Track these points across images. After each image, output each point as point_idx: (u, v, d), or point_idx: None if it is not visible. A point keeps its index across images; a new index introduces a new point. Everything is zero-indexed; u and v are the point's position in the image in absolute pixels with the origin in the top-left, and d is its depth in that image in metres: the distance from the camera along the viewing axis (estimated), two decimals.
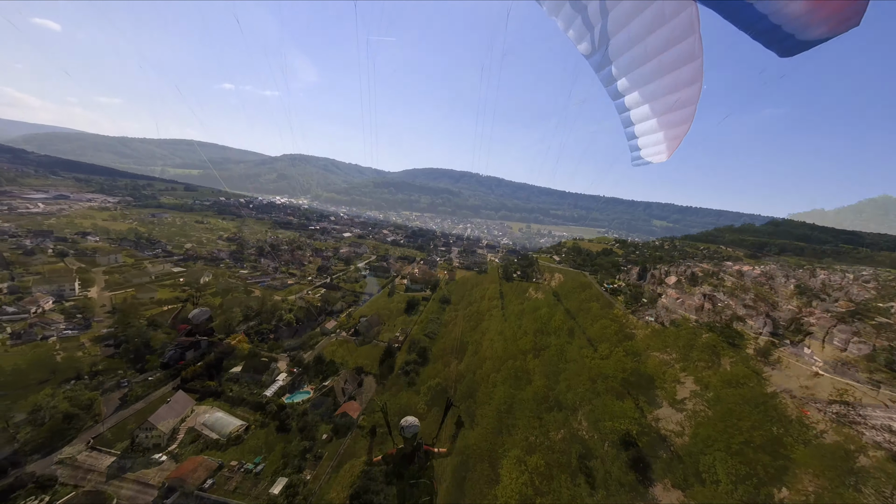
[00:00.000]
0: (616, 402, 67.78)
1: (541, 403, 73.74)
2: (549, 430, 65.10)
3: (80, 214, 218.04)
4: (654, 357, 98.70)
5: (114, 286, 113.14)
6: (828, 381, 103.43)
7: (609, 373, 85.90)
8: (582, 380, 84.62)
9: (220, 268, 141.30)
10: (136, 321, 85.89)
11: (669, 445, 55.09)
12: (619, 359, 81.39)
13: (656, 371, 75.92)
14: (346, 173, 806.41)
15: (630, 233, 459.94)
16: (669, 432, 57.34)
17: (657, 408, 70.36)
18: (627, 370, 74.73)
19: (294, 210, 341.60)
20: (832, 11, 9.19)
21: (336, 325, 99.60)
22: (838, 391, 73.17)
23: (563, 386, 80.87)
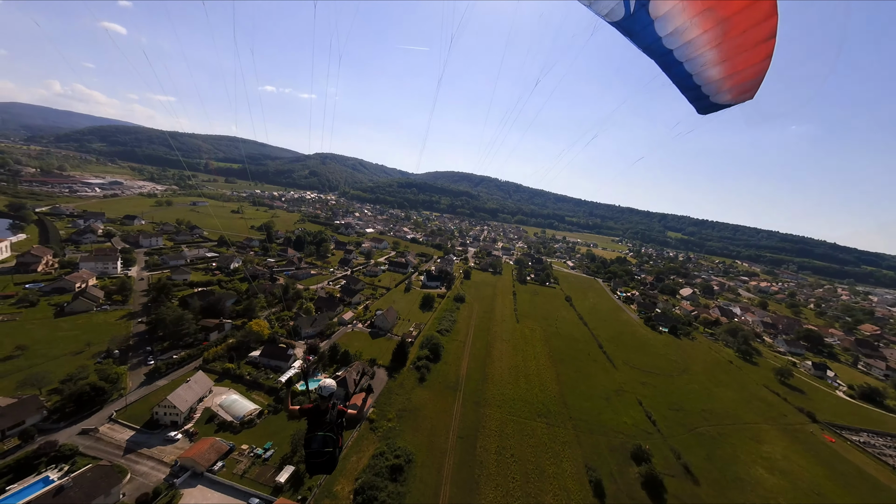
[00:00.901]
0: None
1: (552, 416, 69.19)
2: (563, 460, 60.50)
3: (131, 200, 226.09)
4: (686, 385, 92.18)
5: (152, 267, 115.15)
6: (854, 407, 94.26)
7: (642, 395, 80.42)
8: (601, 391, 79.48)
9: (250, 255, 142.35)
10: (168, 301, 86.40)
11: None
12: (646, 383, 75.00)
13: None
14: (373, 173, 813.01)
15: (645, 243, 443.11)
16: None
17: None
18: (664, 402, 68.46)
19: (322, 205, 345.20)
20: (735, 83, 11.18)
21: (353, 317, 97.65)
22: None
23: (580, 395, 75.94)
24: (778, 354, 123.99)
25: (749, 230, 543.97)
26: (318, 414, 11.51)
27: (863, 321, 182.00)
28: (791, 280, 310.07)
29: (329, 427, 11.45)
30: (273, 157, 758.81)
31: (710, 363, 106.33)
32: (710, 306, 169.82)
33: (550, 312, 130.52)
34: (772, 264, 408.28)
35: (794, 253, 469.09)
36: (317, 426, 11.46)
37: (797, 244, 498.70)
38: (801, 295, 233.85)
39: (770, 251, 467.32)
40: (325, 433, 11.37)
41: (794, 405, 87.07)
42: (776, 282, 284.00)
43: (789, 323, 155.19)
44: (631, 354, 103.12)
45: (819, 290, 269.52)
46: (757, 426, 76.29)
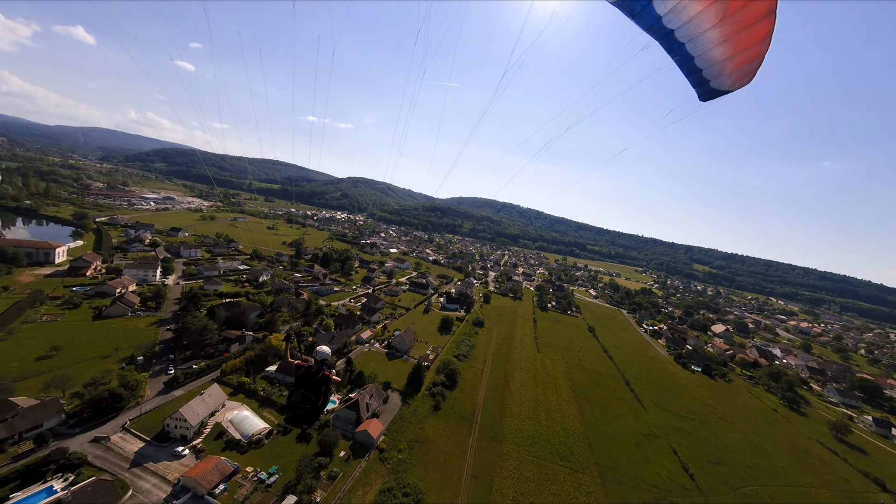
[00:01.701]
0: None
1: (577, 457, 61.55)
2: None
3: (179, 214, 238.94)
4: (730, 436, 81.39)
5: (188, 276, 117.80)
6: None
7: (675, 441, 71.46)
8: (629, 434, 70.89)
9: (278, 269, 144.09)
10: (196, 311, 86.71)
11: None
12: None
13: None
14: (400, 196, 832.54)
15: (670, 275, 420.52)
16: None
17: None
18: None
19: (350, 224, 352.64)
20: (736, 66, 10.69)
21: (371, 336, 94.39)
22: None
23: (605, 437, 67.64)
24: (829, 405, 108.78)
25: (783, 266, 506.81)
26: (308, 374, 12.60)
27: None
28: (835, 321, 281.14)
29: (311, 387, 12.37)
30: (310, 180, 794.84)
31: (751, 410, 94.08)
32: (746, 346, 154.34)
33: (573, 343, 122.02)
34: (811, 303, 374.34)
35: (835, 292, 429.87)
36: (302, 383, 12.52)
37: (838, 283, 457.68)
38: (848, 339, 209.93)
39: (808, 289, 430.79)
40: (306, 391, 12.35)
41: (857, 468, 74.12)
42: (817, 322, 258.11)
43: (839, 370, 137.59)
44: (661, 395, 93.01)
45: (869, 335, 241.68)
46: (815, 491, 64.74)
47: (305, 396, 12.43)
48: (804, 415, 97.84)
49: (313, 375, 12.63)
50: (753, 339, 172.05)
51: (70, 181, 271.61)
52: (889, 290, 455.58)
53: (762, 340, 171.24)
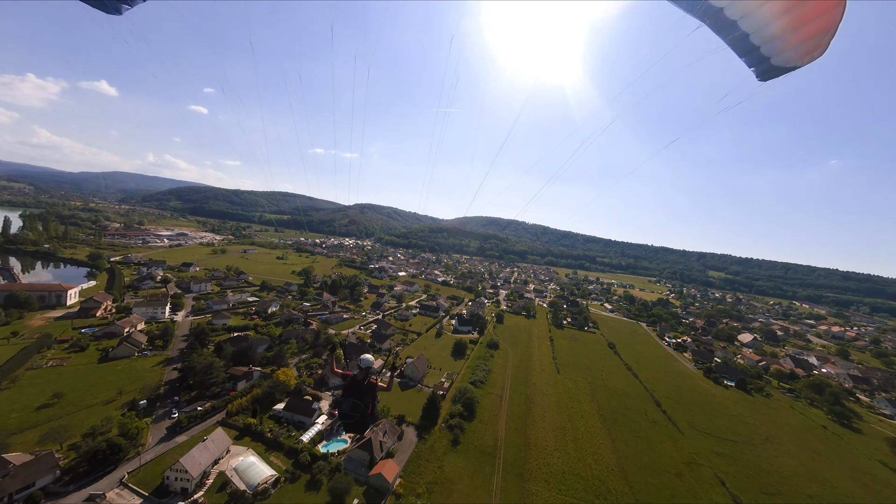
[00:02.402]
0: None
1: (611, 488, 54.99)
2: None
3: (191, 249, 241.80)
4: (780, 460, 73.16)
5: (197, 311, 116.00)
6: None
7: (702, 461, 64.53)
8: (668, 463, 63.88)
9: (287, 299, 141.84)
10: (204, 347, 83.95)
11: None
12: None
13: None
14: (406, 220, 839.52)
15: (685, 283, 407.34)
16: None
17: None
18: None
19: (359, 250, 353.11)
20: (801, 40, 9.44)
21: (382, 365, 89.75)
22: None
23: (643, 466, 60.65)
24: (883, 418, 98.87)
25: (803, 268, 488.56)
26: (354, 382, 12.93)
27: None
28: (867, 324, 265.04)
29: (359, 395, 12.62)
30: (318, 209, 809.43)
31: (797, 428, 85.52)
32: (778, 355, 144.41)
33: (594, 361, 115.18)
34: (837, 305, 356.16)
35: (861, 293, 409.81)
36: (350, 392, 12.83)
37: (863, 283, 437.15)
38: (886, 342, 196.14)
39: (832, 291, 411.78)
40: (355, 400, 12.62)
41: None
42: (849, 326, 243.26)
43: (886, 377, 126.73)
44: (696, 415, 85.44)
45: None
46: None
47: (355, 405, 12.56)
48: (858, 431, 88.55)
49: (359, 384, 12.79)
50: (785, 348, 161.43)
51: (89, 223, 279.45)
52: None
53: (794, 349, 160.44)
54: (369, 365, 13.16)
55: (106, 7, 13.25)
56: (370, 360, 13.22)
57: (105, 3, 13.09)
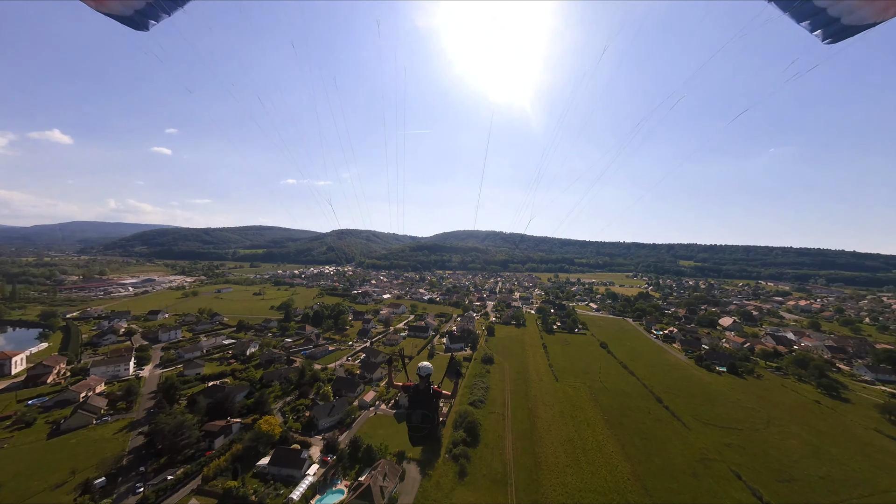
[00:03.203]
0: None
1: None
2: None
3: (159, 295, 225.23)
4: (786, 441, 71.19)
5: (166, 363, 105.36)
6: None
7: (712, 455, 62.19)
8: (682, 463, 60.82)
9: (267, 337, 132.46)
10: (174, 404, 74.98)
11: None
12: None
13: None
14: (386, 241, 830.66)
15: (659, 275, 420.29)
16: None
17: None
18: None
19: (340, 277, 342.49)
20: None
21: (375, 397, 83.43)
22: None
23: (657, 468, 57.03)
24: (866, 384, 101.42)
25: (762, 249, 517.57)
26: (418, 392, 12.58)
27: None
28: (827, 294, 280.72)
29: (427, 405, 12.30)
30: (295, 239, 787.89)
31: (794, 407, 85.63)
32: (759, 335, 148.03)
33: (589, 364, 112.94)
34: (797, 280, 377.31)
35: (816, 266, 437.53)
36: (417, 403, 12.50)
37: (816, 257, 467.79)
38: (848, 309, 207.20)
39: (790, 267, 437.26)
40: (424, 411, 12.29)
41: None
42: (813, 298, 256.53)
43: (857, 344, 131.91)
44: (698, 406, 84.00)
45: (864, 302, 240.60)
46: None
47: (425, 416, 12.19)
48: (847, 401, 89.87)
49: (424, 393, 12.42)
50: (763, 327, 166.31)
51: (42, 279, 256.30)
52: (864, 255, 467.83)
53: (772, 326, 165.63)
54: (430, 372, 12.68)
55: (135, 24, 13.26)
56: (430, 367, 12.75)
57: (134, 20, 13.14)
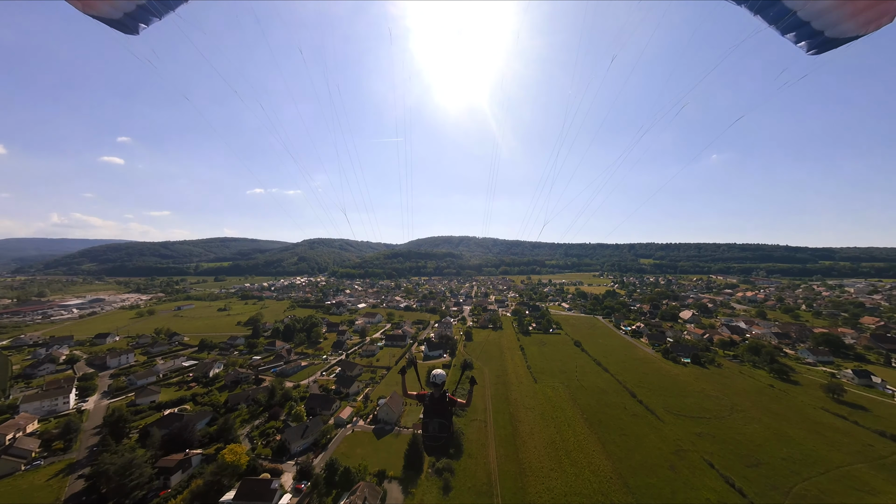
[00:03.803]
0: None
1: None
2: None
3: (109, 316, 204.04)
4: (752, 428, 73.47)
5: (115, 392, 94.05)
6: None
7: (686, 447, 63.33)
8: (659, 457, 61.25)
9: (234, 355, 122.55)
10: (124, 439, 66.23)
11: None
12: None
13: None
14: (359, 249, 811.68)
15: (623, 273, 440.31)
16: None
17: None
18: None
19: (312, 287, 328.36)
20: (862, 8, 8.57)
21: (352, 413, 78.48)
22: None
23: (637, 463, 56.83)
24: (809, 367, 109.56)
25: (711, 246, 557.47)
26: (433, 401, 12.18)
27: (860, 314, 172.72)
28: (769, 285, 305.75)
29: (443, 413, 11.96)
30: (263, 250, 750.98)
31: (752, 393, 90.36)
32: (715, 326, 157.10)
33: (565, 363, 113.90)
34: (742, 273, 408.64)
35: (757, 259, 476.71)
36: (432, 412, 12.16)
37: (757, 251, 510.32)
38: (789, 298, 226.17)
39: (736, 262, 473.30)
40: (441, 419, 11.93)
41: (871, 428, 71.10)
42: (757, 289, 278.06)
43: (798, 329, 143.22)
44: (669, 399, 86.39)
45: (799, 291, 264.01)
46: (852, 469, 59.29)
47: (442, 425, 11.82)
48: (796, 383, 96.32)
49: (439, 402, 12.03)
50: (718, 318, 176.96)
51: None
52: (795, 248, 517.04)
53: (725, 317, 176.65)
54: (444, 380, 12.42)
55: (124, 27, 12.87)
56: (443, 375, 12.55)
57: (122, 23, 12.75)
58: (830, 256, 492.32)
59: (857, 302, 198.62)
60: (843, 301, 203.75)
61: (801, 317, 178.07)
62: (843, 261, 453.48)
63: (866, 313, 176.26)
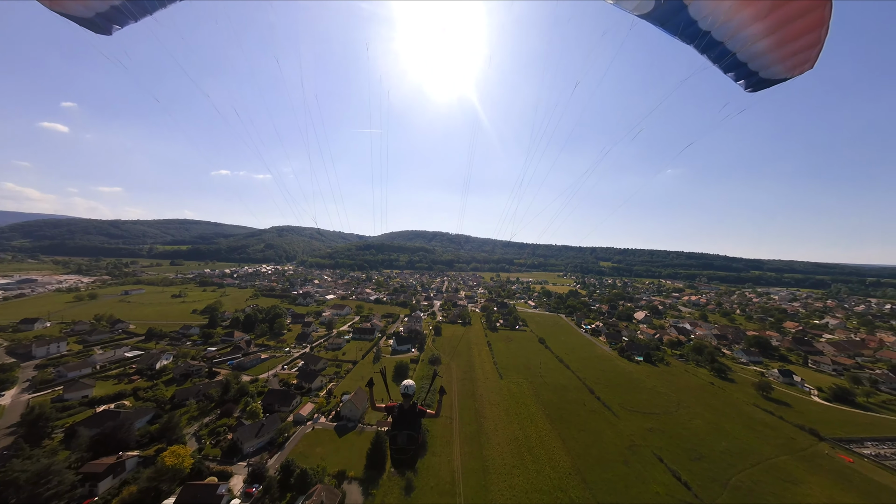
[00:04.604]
0: None
1: None
2: None
3: (41, 299, 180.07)
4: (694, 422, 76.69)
5: (39, 385, 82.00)
6: (837, 412, 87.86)
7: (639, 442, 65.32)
8: (614, 452, 62.56)
9: (186, 346, 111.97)
10: (41, 442, 57.30)
11: None
12: None
13: None
14: (331, 240, 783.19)
15: (584, 274, 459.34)
16: None
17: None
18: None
19: (279, 276, 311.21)
20: (788, 55, 9.65)
21: (314, 409, 73.76)
22: None
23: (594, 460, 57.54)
24: (743, 366, 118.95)
25: (662, 253, 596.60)
26: (403, 412, 11.62)
27: (783, 319, 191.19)
28: (710, 290, 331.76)
29: (412, 425, 11.46)
30: (227, 235, 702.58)
31: (695, 390, 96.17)
32: (665, 326, 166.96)
33: (530, 359, 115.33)
34: (688, 279, 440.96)
35: (700, 267, 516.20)
36: (402, 424, 11.48)
37: (700, 259, 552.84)
38: (726, 303, 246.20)
39: (683, 268, 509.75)
40: (409, 431, 11.38)
41: (793, 423, 77.86)
42: (700, 294, 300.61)
43: (734, 331, 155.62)
44: (624, 395, 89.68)
45: (734, 297, 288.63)
46: (778, 460, 64.27)
47: (411, 437, 11.35)
48: (732, 381, 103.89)
49: (409, 413, 11.59)
50: (666, 319, 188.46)
51: None
52: (732, 258, 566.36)
53: (673, 318, 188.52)
54: (414, 391, 11.69)
55: (95, 27, 12.15)
56: (413, 385, 11.86)
57: (94, 23, 12.04)
58: (760, 267, 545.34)
59: (781, 308, 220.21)
60: (770, 307, 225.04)
61: (735, 320, 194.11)
62: (770, 271, 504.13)
63: (788, 318, 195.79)
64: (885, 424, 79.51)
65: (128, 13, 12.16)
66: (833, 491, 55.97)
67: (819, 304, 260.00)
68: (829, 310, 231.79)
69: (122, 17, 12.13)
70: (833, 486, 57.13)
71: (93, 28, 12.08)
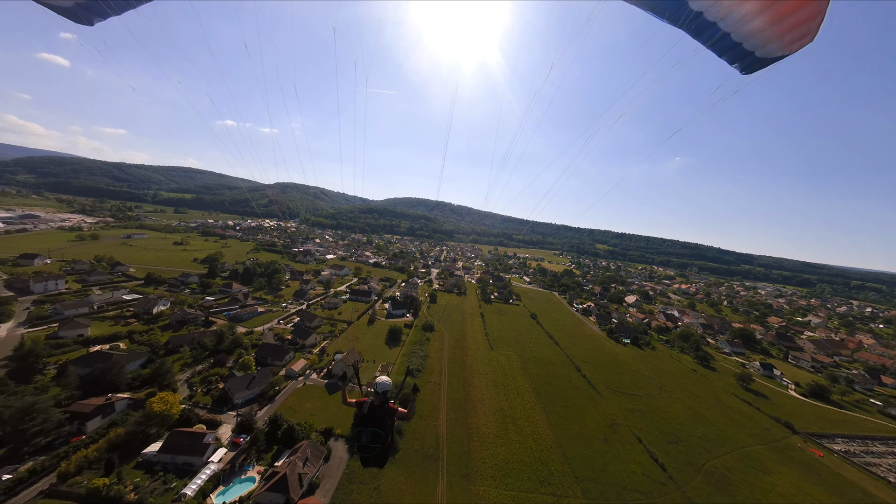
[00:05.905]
0: None
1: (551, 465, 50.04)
2: None
3: (43, 235, 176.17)
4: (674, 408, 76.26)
5: (35, 320, 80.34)
6: (811, 407, 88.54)
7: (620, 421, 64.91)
8: (595, 429, 62.30)
9: (184, 293, 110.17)
10: (32, 378, 55.93)
11: None
12: None
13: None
14: (335, 200, 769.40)
15: (580, 255, 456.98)
16: None
17: None
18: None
19: (280, 232, 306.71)
20: (786, 30, 8.88)
21: (306, 366, 72.90)
22: None
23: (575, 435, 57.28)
24: (726, 356, 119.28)
25: (657, 240, 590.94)
26: (372, 409, 10.90)
27: (767, 314, 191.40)
28: (699, 280, 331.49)
29: (379, 423, 10.75)
30: (231, 187, 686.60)
31: (678, 375, 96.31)
32: (654, 312, 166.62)
33: (521, 333, 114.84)
34: (680, 268, 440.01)
35: (692, 257, 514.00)
36: (368, 421, 10.78)
37: (693, 250, 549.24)
38: (714, 294, 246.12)
39: (675, 257, 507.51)
40: (375, 429, 10.74)
41: (769, 415, 78.20)
42: (690, 283, 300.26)
43: (721, 322, 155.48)
44: (609, 375, 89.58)
45: (722, 288, 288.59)
46: (752, 449, 64.61)
47: (376, 435, 10.49)
48: (714, 370, 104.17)
49: (378, 410, 10.70)
50: (656, 305, 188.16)
51: None
52: (724, 251, 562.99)
53: (662, 305, 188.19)
54: (387, 389, 10.77)
55: (76, 17, 11.39)
56: (388, 383, 10.82)
57: (75, 13, 11.28)
58: (750, 261, 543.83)
59: (766, 303, 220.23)
60: (756, 301, 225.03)
61: (722, 311, 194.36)
62: (760, 266, 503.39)
63: (772, 314, 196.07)
64: (857, 422, 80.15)
65: (110, 7, 11.35)
66: (802, 483, 56.32)
67: (803, 301, 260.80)
68: (812, 308, 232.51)
69: (104, 9, 11.31)
70: (802, 479, 57.50)
71: (72, 18, 11.25)
